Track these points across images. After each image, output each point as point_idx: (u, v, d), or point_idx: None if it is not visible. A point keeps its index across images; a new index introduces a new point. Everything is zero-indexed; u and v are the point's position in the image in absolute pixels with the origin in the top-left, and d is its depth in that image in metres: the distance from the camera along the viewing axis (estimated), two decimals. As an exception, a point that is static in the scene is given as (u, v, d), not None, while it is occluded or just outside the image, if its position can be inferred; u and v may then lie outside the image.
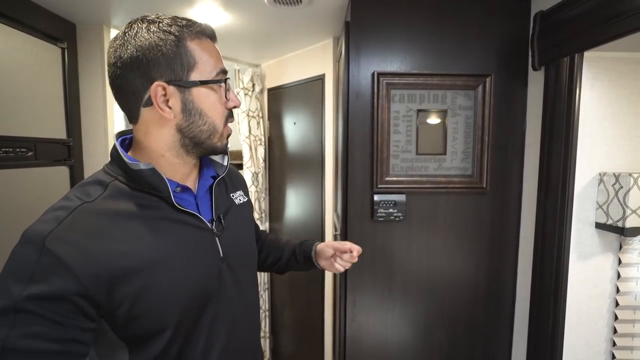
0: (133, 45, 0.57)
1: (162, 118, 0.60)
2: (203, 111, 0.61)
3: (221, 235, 0.68)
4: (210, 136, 0.63)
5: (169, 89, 0.58)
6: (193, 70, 0.60)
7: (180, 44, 0.58)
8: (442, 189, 1.27)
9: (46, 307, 0.49)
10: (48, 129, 1.40)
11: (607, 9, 0.89)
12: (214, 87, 0.62)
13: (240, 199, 0.80)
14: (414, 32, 1.23)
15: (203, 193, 0.70)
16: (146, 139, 0.62)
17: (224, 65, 0.64)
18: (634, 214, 0.96)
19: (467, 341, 1.35)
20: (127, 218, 0.57)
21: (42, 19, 1.34)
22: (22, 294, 0.48)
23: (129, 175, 0.60)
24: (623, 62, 1.03)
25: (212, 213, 0.69)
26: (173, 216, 0.62)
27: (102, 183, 0.60)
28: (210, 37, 0.64)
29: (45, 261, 0.50)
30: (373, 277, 1.30)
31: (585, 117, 1.04)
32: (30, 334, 0.48)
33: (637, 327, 1.09)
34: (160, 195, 0.61)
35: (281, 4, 1.34)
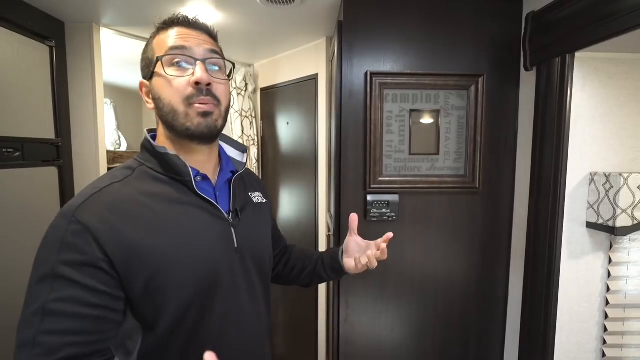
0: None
1: (151, 110, 0.68)
2: (161, 96, 0.65)
3: (237, 227, 0.71)
4: (174, 117, 0.64)
5: (145, 84, 0.68)
6: (156, 62, 0.65)
7: (148, 44, 0.68)
8: (435, 189, 1.27)
9: (78, 272, 0.53)
10: (36, 129, 1.38)
11: (597, 10, 0.90)
12: (161, 71, 0.64)
13: (258, 198, 0.83)
14: (407, 31, 1.23)
15: (222, 185, 0.73)
16: (158, 132, 0.70)
17: (180, 43, 0.64)
18: (624, 214, 0.96)
19: (459, 340, 1.35)
20: (150, 197, 0.62)
21: (29, 17, 1.32)
22: (57, 260, 0.53)
23: (157, 161, 0.65)
24: (613, 63, 1.03)
25: (229, 205, 0.72)
26: (193, 201, 0.65)
27: (131, 167, 0.66)
28: (177, 23, 0.67)
29: (73, 229, 0.54)
30: (366, 277, 1.30)
31: (576, 117, 1.05)
32: (66, 298, 0.52)
33: (627, 325, 1.10)
34: (183, 180, 0.65)
35: (273, 3, 1.33)
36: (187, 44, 0.64)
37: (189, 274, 0.61)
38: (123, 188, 0.61)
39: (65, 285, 0.52)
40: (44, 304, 0.51)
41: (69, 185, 1.53)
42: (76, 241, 0.54)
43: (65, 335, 0.52)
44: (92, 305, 0.54)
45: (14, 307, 1.27)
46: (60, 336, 0.52)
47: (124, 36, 1.65)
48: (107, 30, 1.59)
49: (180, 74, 0.63)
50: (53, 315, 0.52)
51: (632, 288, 1.09)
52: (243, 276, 0.71)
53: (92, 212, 0.56)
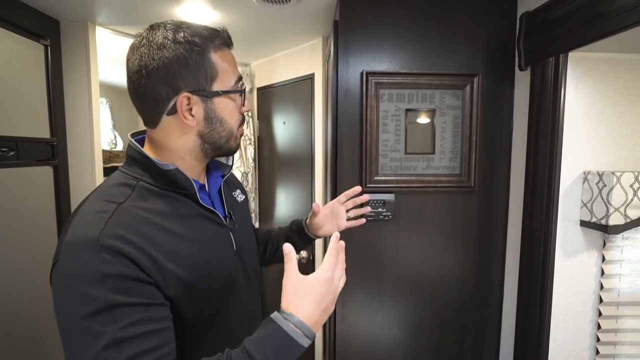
0: (160, 56, 0.59)
1: (184, 125, 0.63)
2: (223, 119, 0.66)
3: (233, 230, 0.73)
4: (228, 140, 0.68)
5: (193, 99, 0.61)
6: (215, 80, 0.63)
7: (204, 55, 0.61)
8: (431, 188, 1.28)
9: (131, 295, 0.52)
10: (31, 128, 1.37)
11: (590, 10, 0.91)
12: (232, 96, 0.66)
13: (240, 197, 0.85)
14: (403, 31, 1.23)
15: (215, 192, 0.75)
16: (166, 143, 0.65)
17: (240, 73, 0.68)
18: (617, 212, 0.97)
19: (455, 339, 1.36)
20: (160, 216, 0.60)
21: (24, 16, 1.31)
22: (106, 292, 0.51)
23: (156, 176, 0.63)
24: (606, 63, 1.04)
25: (224, 210, 0.75)
26: (197, 212, 0.66)
27: (128, 185, 0.62)
28: (229, 46, 0.67)
29: (106, 258, 0.52)
30: (362, 276, 1.30)
31: (570, 116, 1.06)
32: (134, 322, 0.52)
33: (620, 323, 1.11)
34: (186, 193, 0.65)
35: (269, 3, 1.33)
36: (241, 75, 0.69)
37: (211, 283, 0.64)
38: (131, 208, 0.58)
39: (126, 311, 0.52)
40: (114, 335, 0.50)
41: (64, 185, 1.52)
42: (116, 269, 0.52)
43: (150, 353, 0.52)
44: (157, 320, 0.55)
45: (10, 306, 1.26)
46: (146, 356, 0.51)
47: (120, 35, 1.65)
48: (102, 29, 1.58)
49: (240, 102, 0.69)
50: (130, 340, 0.51)
51: (625, 286, 1.10)
52: (244, 276, 0.74)
53: (116, 237, 0.54)
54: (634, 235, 1.08)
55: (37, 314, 1.35)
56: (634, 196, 0.97)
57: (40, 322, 1.37)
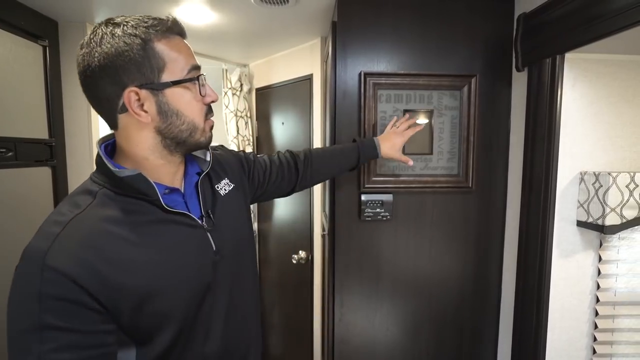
0: (99, 53, 0.56)
1: (140, 122, 0.60)
2: (180, 111, 0.62)
3: (212, 230, 0.70)
4: (192, 134, 0.64)
5: (142, 93, 0.59)
6: (163, 71, 0.59)
7: (147, 46, 0.58)
8: (429, 188, 1.28)
9: (65, 319, 0.51)
10: (29, 129, 1.37)
11: (586, 12, 0.91)
12: (187, 86, 0.62)
13: (225, 188, 0.80)
14: (401, 32, 1.24)
15: (190, 191, 0.72)
16: (128, 144, 0.63)
17: (195, 61, 0.64)
18: (613, 212, 0.98)
19: (453, 338, 1.36)
20: (120, 225, 0.58)
21: (22, 16, 1.31)
22: (40, 311, 0.50)
23: (116, 183, 0.60)
24: (603, 64, 1.05)
25: (200, 209, 0.71)
26: (164, 218, 0.63)
27: (91, 192, 0.60)
28: (178, 33, 0.63)
29: (48, 277, 0.51)
30: (360, 276, 1.31)
31: (566, 117, 1.06)
32: (61, 347, 0.50)
33: (617, 322, 1.12)
34: (150, 199, 0.61)
35: (268, 4, 1.33)
36: (198, 63, 0.65)
37: (176, 295, 0.61)
38: (88, 219, 0.56)
39: (56, 335, 0.50)
40: (38, 357, 0.49)
41: (63, 186, 1.52)
42: (56, 290, 0.51)
43: None
44: (90, 347, 0.53)
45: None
46: None
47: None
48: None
49: (204, 93, 0.65)
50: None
51: (621, 286, 1.11)
52: (228, 273, 0.72)
53: (64, 255, 0.52)
54: (630, 236, 1.09)
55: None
56: (630, 196, 0.98)
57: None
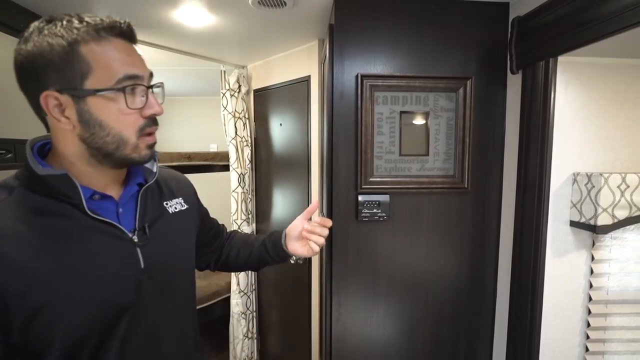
0: (24, 50, 0.53)
1: (63, 128, 0.56)
2: (103, 122, 0.56)
3: (144, 246, 0.64)
4: (119, 148, 0.58)
5: (62, 98, 0.54)
6: (87, 77, 0.54)
7: (71, 48, 0.53)
8: (425, 189, 1.30)
9: None
10: (28, 130, 1.37)
11: (578, 16, 0.93)
12: (113, 96, 0.55)
13: (176, 207, 0.75)
14: (397, 35, 1.26)
15: (126, 201, 0.66)
16: (58, 146, 0.59)
17: (136, 70, 0.57)
18: (604, 212, 1.00)
19: (450, 337, 1.38)
20: (28, 227, 0.53)
21: (20, 19, 1.32)
22: None
23: (37, 181, 0.56)
24: (594, 67, 1.07)
25: (135, 222, 0.65)
26: (86, 224, 0.58)
27: (9, 187, 0.56)
28: (118, 35, 0.57)
29: None
30: (358, 276, 1.32)
31: (559, 119, 1.08)
32: None
33: (609, 321, 1.14)
34: (72, 202, 0.57)
35: (266, 6, 1.34)
36: (139, 72, 0.58)
37: (82, 308, 0.56)
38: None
39: None
40: None
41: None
42: None
43: None
44: None
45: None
46: None
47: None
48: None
49: (137, 105, 0.57)
50: None
51: (613, 284, 1.13)
52: (154, 294, 0.65)
53: None
54: (622, 235, 1.11)
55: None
56: (621, 197, 1.00)
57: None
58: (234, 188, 2.20)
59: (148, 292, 0.64)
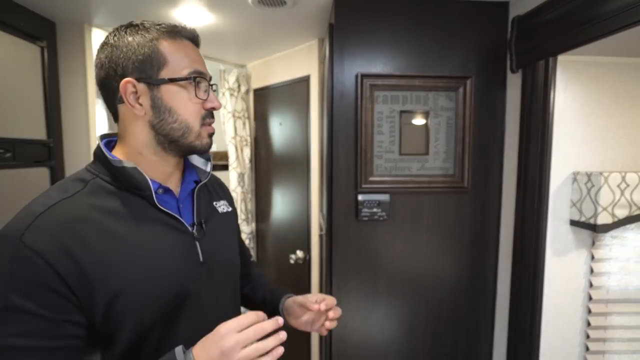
0: (111, 46, 0.61)
1: (135, 115, 0.62)
2: (173, 109, 0.62)
3: (202, 240, 0.68)
4: (184, 134, 0.64)
5: (139, 87, 0.60)
6: (163, 68, 0.61)
7: (152, 43, 0.61)
8: (425, 188, 1.30)
9: (34, 303, 0.49)
10: (27, 130, 1.37)
11: (578, 14, 0.93)
12: (184, 86, 0.62)
13: (224, 207, 0.80)
14: (397, 34, 1.25)
15: (185, 197, 0.70)
16: (125, 136, 0.64)
17: (202, 68, 0.65)
18: (604, 211, 1.00)
19: (450, 337, 1.38)
20: (106, 216, 0.58)
21: (20, 17, 1.32)
22: (8, 291, 0.49)
23: (112, 173, 0.61)
24: (594, 66, 1.07)
25: (193, 217, 0.70)
26: (154, 216, 0.62)
27: (83, 180, 0.60)
28: (189, 38, 0.65)
29: (22, 255, 0.50)
30: (358, 276, 1.32)
31: (559, 118, 1.08)
32: (25, 332, 0.49)
33: (609, 320, 1.14)
34: (142, 194, 0.61)
35: (265, 5, 1.34)
36: (204, 71, 0.65)
37: (151, 295, 0.59)
38: (74, 204, 0.56)
39: (21, 318, 0.49)
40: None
41: (61, 186, 1.52)
42: (28, 269, 0.49)
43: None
44: (53, 337, 0.51)
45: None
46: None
47: (116, 37, 1.65)
48: (99, 31, 1.59)
49: (202, 97, 0.64)
50: (13, 351, 0.48)
51: (613, 284, 1.13)
52: (211, 290, 0.68)
53: (42, 234, 0.51)
54: (622, 234, 1.11)
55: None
56: (621, 196, 1.00)
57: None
58: (234, 188, 2.20)
59: (204, 284, 0.67)
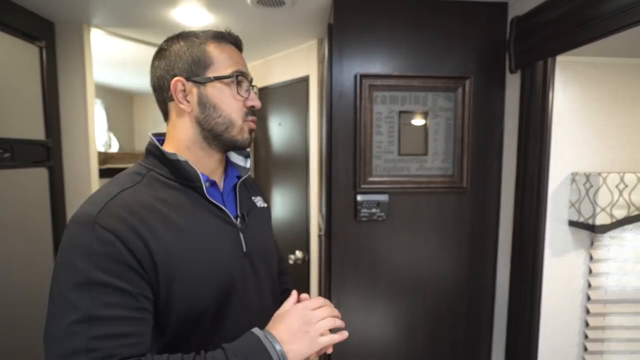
0: (164, 51, 0.69)
1: (183, 111, 0.68)
2: (217, 105, 0.68)
3: (245, 232, 0.73)
4: (228, 129, 0.69)
5: (187, 85, 0.67)
6: (209, 68, 0.67)
7: (200, 47, 0.68)
8: (424, 188, 1.30)
9: (115, 277, 0.54)
10: (26, 130, 1.37)
11: (576, 15, 0.93)
12: (227, 84, 0.68)
13: (260, 203, 0.85)
14: (396, 35, 1.25)
15: (228, 190, 0.76)
16: (174, 132, 0.70)
17: (244, 69, 0.71)
18: (603, 212, 1.00)
19: (449, 337, 1.38)
20: (164, 205, 0.62)
21: (19, 18, 1.31)
22: (90, 268, 0.53)
23: (166, 167, 0.66)
24: (593, 67, 1.07)
25: (237, 210, 0.75)
26: (205, 207, 0.68)
27: (139, 174, 0.66)
28: (232, 43, 0.72)
29: (99, 236, 0.55)
30: (356, 276, 1.32)
31: (558, 119, 1.08)
32: (110, 303, 0.53)
33: (608, 320, 1.14)
34: (193, 186, 0.67)
35: (264, 6, 1.34)
36: (246, 71, 0.72)
37: (206, 278, 0.63)
38: (137, 194, 0.61)
39: (105, 291, 0.53)
40: (88, 311, 0.52)
41: (59, 186, 1.52)
42: (106, 248, 0.54)
43: (118, 338, 0.53)
44: (134, 308, 0.55)
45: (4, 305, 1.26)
46: (113, 340, 0.53)
47: (115, 37, 1.65)
48: (97, 31, 1.59)
49: (244, 95, 0.70)
50: (101, 320, 0.52)
51: (612, 284, 1.13)
52: (253, 280, 0.73)
53: (114, 217, 0.56)
54: (621, 235, 1.11)
55: (31, 320, 1.35)
56: (620, 196, 1.00)
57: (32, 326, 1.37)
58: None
59: (248, 273, 0.72)
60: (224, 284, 0.66)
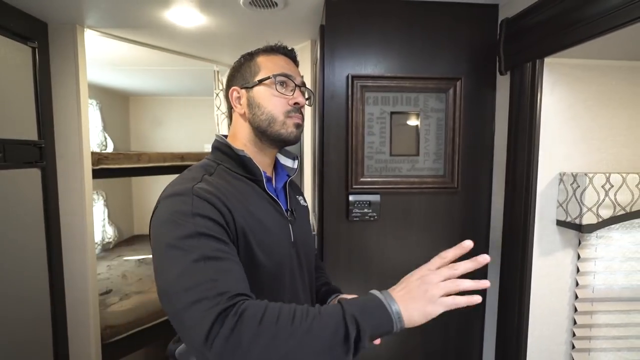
0: (230, 68, 0.83)
1: (238, 114, 0.79)
2: (260, 104, 0.76)
3: (293, 224, 0.81)
4: (270, 124, 0.76)
5: (241, 92, 0.78)
6: (257, 75, 0.77)
7: (252, 59, 0.79)
8: (415, 189, 1.31)
9: (214, 232, 0.62)
10: (18, 130, 1.37)
11: (564, 17, 0.95)
12: (269, 85, 0.76)
13: (303, 202, 0.93)
14: (387, 36, 1.27)
15: (280, 187, 0.84)
16: (235, 133, 0.81)
17: (288, 72, 0.78)
18: (589, 212, 1.01)
19: (440, 335, 1.39)
20: (236, 189, 0.72)
21: (11, 18, 1.31)
22: (196, 224, 0.61)
23: (233, 161, 0.76)
24: (580, 69, 1.09)
25: (287, 204, 0.83)
26: (264, 198, 0.76)
27: (211, 166, 0.76)
28: (282, 53, 0.82)
29: (198, 202, 0.64)
30: (349, 276, 1.33)
31: (546, 120, 1.10)
32: (217, 248, 0.61)
33: (595, 318, 1.16)
34: (255, 179, 0.76)
35: (256, 7, 1.35)
36: (291, 73, 0.79)
37: (268, 260, 0.71)
38: (215, 180, 0.71)
39: (210, 240, 0.61)
40: (202, 253, 0.58)
41: (53, 187, 1.52)
42: (204, 211, 0.63)
43: (231, 273, 0.59)
44: (234, 254, 0.63)
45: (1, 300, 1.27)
46: (228, 274, 0.59)
47: (109, 37, 1.65)
48: (91, 32, 1.59)
49: (286, 93, 0.77)
50: (215, 260, 0.59)
51: (599, 283, 1.14)
52: (298, 268, 0.80)
53: (205, 191, 0.66)
54: (607, 234, 1.13)
55: (23, 317, 1.35)
56: (606, 196, 1.01)
57: (27, 324, 1.37)
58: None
59: (295, 262, 0.79)
60: (282, 267, 0.74)
